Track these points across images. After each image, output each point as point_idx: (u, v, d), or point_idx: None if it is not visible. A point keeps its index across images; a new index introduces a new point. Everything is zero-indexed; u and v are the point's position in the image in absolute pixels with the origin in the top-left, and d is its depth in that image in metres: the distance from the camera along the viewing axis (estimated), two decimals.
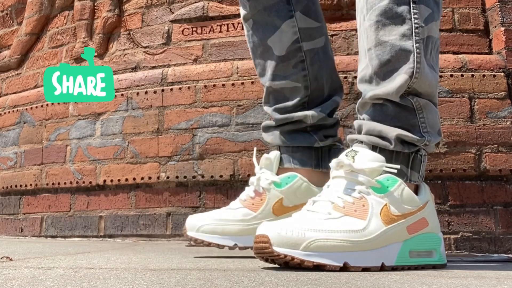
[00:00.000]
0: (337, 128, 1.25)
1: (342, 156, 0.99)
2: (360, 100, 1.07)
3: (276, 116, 1.22)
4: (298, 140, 1.20)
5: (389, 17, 1.00)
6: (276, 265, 0.89)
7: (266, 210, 1.16)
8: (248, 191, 1.21)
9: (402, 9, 1.00)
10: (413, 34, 0.99)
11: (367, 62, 1.04)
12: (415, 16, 1.00)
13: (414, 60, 0.99)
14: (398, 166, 0.96)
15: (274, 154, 1.21)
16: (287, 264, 0.86)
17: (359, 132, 1.05)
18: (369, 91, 1.02)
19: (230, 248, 1.15)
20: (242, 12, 1.25)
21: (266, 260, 0.87)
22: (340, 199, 0.93)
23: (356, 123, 1.06)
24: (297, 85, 1.21)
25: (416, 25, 1.00)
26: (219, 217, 1.17)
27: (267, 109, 1.27)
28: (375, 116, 1.02)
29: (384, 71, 1.01)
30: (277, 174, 1.20)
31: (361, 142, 1.02)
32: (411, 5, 1.00)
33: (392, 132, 0.99)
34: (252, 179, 1.21)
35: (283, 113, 1.22)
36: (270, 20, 1.21)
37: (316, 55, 1.22)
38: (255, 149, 1.33)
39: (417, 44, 0.99)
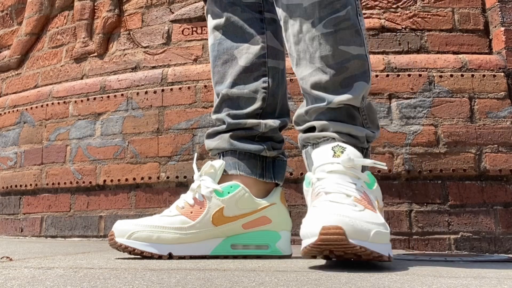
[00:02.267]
0: (283, 145, 1.27)
1: (329, 150, 1.01)
2: (320, 105, 1.09)
3: (228, 121, 1.21)
4: (247, 146, 1.20)
5: (345, 28, 1.08)
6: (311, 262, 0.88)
7: (205, 219, 1.11)
8: (186, 198, 1.14)
9: (356, 21, 1.10)
10: (365, 44, 1.10)
11: (317, 67, 1.08)
12: (362, 28, 1.11)
13: (368, 69, 1.10)
14: (385, 164, 1.03)
15: (220, 163, 1.16)
16: (344, 256, 0.85)
17: (322, 131, 1.09)
18: (333, 98, 1.08)
19: (165, 257, 1.08)
20: (214, 21, 1.28)
21: (329, 252, 0.85)
22: (356, 192, 0.94)
23: (317, 123, 1.09)
24: (255, 96, 1.22)
25: (365, 36, 1.11)
26: (154, 223, 1.10)
27: (217, 116, 1.24)
28: (337, 117, 1.08)
29: (342, 78, 1.07)
30: (218, 183, 1.15)
31: (333, 139, 1.06)
32: (359, 17, 1.11)
33: (362, 132, 1.08)
34: (192, 186, 1.15)
35: (235, 118, 1.22)
36: (241, 32, 1.25)
37: (277, 74, 1.26)
38: (195, 154, 1.30)
39: (367, 54, 1.10)
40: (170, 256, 1.09)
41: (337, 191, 0.94)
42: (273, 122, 1.21)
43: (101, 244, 1.71)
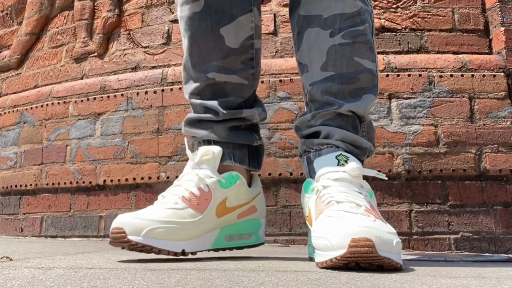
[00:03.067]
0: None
1: (333, 159, 1.01)
2: (330, 109, 1.08)
3: (222, 111, 1.13)
4: (242, 137, 1.15)
5: (361, 42, 1.10)
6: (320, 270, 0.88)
7: (211, 211, 1.06)
8: (189, 188, 1.06)
9: (371, 39, 1.13)
10: (376, 62, 1.14)
11: (330, 74, 1.09)
12: (375, 47, 1.15)
13: (377, 84, 1.13)
14: (385, 175, 1.05)
15: (218, 150, 1.09)
16: (368, 267, 0.84)
17: (327, 137, 1.08)
18: (343, 103, 1.08)
19: (179, 255, 1.01)
20: None
21: (354, 264, 0.84)
22: (365, 201, 0.94)
23: (324, 128, 1.08)
24: (244, 82, 1.14)
25: (376, 54, 1.15)
26: (166, 218, 1.01)
27: (203, 102, 1.14)
28: (343, 125, 1.08)
29: (353, 88, 1.09)
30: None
31: (337, 147, 1.05)
32: (373, 37, 1.14)
33: (366, 143, 1.09)
34: (191, 174, 1.06)
35: (228, 108, 1.13)
36: (228, 8, 1.12)
37: (260, 56, 1.20)
38: (185, 139, 1.17)
39: (377, 71, 1.14)
40: (183, 253, 1.02)
41: (348, 201, 0.93)
42: (262, 111, 1.19)
43: (101, 244, 1.71)
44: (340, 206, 0.92)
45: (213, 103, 1.14)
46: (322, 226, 0.91)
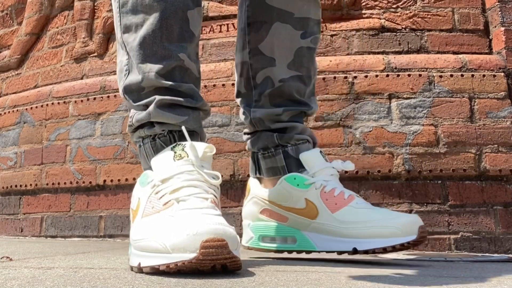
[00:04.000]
0: None
1: (319, 154, 1.14)
2: (305, 109, 1.20)
3: (200, 96, 1.02)
4: (204, 133, 1.04)
5: (317, 48, 1.22)
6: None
7: None
8: (210, 191, 0.87)
9: None
10: None
11: (297, 74, 1.17)
12: None
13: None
14: (353, 165, 1.18)
15: (212, 146, 0.93)
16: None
17: (301, 133, 1.18)
18: (316, 106, 1.23)
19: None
20: None
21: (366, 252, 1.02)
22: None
23: (298, 125, 1.18)
24: (197, 75, 1.03)
25: None
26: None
27: (173, 84, 0.98)
28: (302, 121, 1.21)
29: (310, 89, 1.21)
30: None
31: (308, 142, 1.18)
32: None
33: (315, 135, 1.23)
34: (198, 176, 0.88)
35: (200, 97, 1.02)
36: None
37: None
38: (183, 127, 0.94)
39: None
40: None
41: (353, 193, 1.11)
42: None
43: (101, 244, 1.71)
44: (358, 198, 1.10)
45: (190, 86, 1.00)
46: (360, 216, 1.06)
